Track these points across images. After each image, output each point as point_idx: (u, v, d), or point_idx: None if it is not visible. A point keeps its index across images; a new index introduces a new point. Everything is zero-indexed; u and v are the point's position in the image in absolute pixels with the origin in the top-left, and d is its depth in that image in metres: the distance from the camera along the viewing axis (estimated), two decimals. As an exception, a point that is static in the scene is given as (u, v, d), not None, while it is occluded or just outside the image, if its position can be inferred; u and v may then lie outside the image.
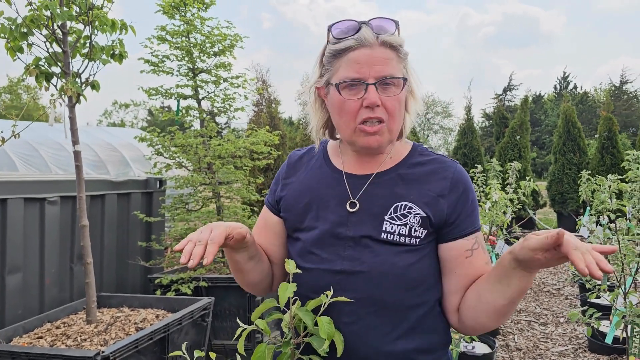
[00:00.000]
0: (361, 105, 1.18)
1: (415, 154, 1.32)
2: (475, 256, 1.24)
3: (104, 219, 4.28)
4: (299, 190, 1.34)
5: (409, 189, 1.25)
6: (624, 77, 41.77)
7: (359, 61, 1.18)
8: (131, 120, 51.55)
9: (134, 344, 2.77)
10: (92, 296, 3.17)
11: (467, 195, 1.26)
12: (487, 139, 30.96)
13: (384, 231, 1.21)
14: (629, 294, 2.95)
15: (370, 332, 1.19)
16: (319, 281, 1.22)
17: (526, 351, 4.35)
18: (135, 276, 4.59)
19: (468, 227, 1.25)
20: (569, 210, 10.88)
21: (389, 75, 1.18)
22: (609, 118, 10.77)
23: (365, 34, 1.19)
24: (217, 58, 4.54)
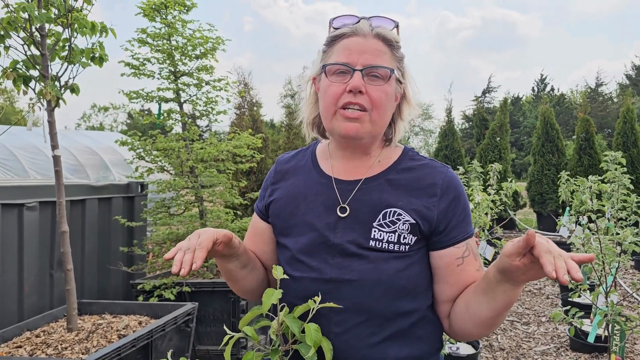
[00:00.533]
0: (344, 89, 1.17)
1: (406, 159, 1.30)
2: (467, 264, 1.22)
3: (85, 225, 4.21)
4: (287, 196, 1.32)
5: (398, 195, 1.23)
6: (599, 80, 42.58)
7: (350, 47, 1.19)
8: (110, 124, 50.92)
9: (116, 352, 2.72)
10: (73, 303, 3.11)
11: (458, 202, 1.24)
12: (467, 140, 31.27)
13: (372, 238, 1.19)
14: (610, 293, 3.00)
15: (361, 341, 1.18)
16: (308, 290, 1.20)
17: (509, 351, 4.39)
18: (117, 282, 4.52)
19: (459, 235, 1.23)
20: (548, 210, 11.03)
21: (377, 64, 1.18)
22: (586, 120, 10.95)
23: (362, 24, 1.21)
24: (199, 61, 4.51)
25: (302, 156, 1.40)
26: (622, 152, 7.81)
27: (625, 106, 10.73)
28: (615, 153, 3.98)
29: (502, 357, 4.26)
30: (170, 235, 4.26)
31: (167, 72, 4.45)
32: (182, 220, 4.38)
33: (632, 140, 10.22)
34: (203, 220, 4.35)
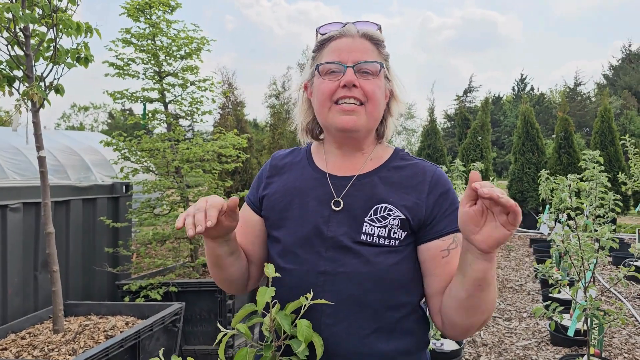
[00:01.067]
0: (338, 85, 1.23)
1: (397, 158, 1.35)
2: (452, 256, 1.24)
3: (69, 226, 4.18)
4: (282, 190, 1.35)
5: (389, 191, 1.27)
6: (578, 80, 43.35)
7: (340, 47, 1.26)
8: (91, 124, 50.28)
9: (104, 353, 2.72)
10: (59, 304, 3.10)
11: (445, 197, 1.27)
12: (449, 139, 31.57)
13: (363, 233, 1.23)
14: (589, 287, 3.08)
15: (351, 333, 1.20)
16: (301, 282, 1.23)
17: (492, 346, 4.48)
18: (102, 283, 4.50)
19: (445, 228, 1.25)
20: (529, 208, 11.22)
21: (367, 60, 1.25)
22: (565, 119, 11.16)
23: (348, 27, 1.28)
24: (183, 61, 4.50)
25: (297, 153, 1.44)
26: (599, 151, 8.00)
27: (602, 106, 10.96)
28: (594, 152, 4.09)
29: (485, 352, 4.34)
30: (156, 236, 4.25)
31: (151, 72, 4.44)
32: (167, 221, 4.38)
33: (610, 139, 10.45)
34: (189, 221, 4.35)
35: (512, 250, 9.21)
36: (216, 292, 3.95)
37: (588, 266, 3.26)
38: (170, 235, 4.28)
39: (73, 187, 4.28)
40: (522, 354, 4.28)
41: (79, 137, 15.96)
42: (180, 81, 4.49)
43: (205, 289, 3.96)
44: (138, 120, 4.42)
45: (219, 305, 3.95)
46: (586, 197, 4.12)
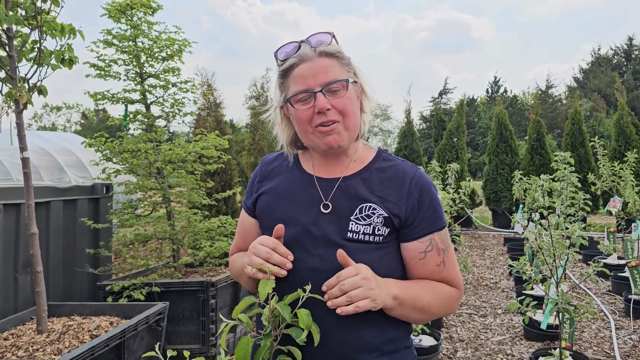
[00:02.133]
0: (313, 112, 1.30)
1: (379, 160, 1.43)
2: (428, 259, 1.34)
3: (50, 227, 4.17)
4: (273, 193, 1.44)
5: (372, 191, 1.35)
6: (549, 82, 44.40)
7: (303, 75, 1.31)
8: (63, 124, 49.33)
9: (90, 352, 2.75)
10: (43, 305, 3.10)
11: (424, 199, 1.35)
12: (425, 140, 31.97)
13: (350, 230, 1.31)
14: (560, 283, 3.22)
15: (339, 325, 1.27)
16: (293, 279, 1.30)
17: (468, 342, 4.61)
18: (83, 284, 4.49)
19: (423, 230, 1.34)
20: (502, 208, 11.47)
21: (332, 79, 1.30)
22: (538, 121, 11.45)
23: (304, 50, 1.32)
24: (165, 63, 4.52)
25: (285, 156, 1.51)
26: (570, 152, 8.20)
27: (573, 108, 11.29)
28: (565, 153, 4.24)
29: (462, 347, 4.47)
30: (139, 237, 4.27)
31: (133, 73, 4.45)
32: (150, 221, 4.40)
33: (580, 141, 10.77)
34: (171, 221, 4.38)
35: (486, 249, 9.42)
36: (199, 291, 3.99)
37: (560, 262, 3.40)
38: (153, 235, 4.30)
39: (53, 188, 4.27)
40: (497, 349, 4.42)
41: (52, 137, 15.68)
42: (162, 82, 4.51)
43: (188, 289, 4.00)
44: (119, 121, 4.42)
45: (202, 304, 3.99)
46: (558, 197, 4.28)
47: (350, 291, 1.18)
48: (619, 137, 10.61)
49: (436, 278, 1.36)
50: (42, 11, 2.94)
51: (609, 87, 39.41)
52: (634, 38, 43.53)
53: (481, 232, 11.59)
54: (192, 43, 4.64)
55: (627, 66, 43.43)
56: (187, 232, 4.39)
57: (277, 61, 1.38)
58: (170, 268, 4.38)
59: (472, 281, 6.92)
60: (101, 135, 4.23)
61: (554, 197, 4.34)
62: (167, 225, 4.35)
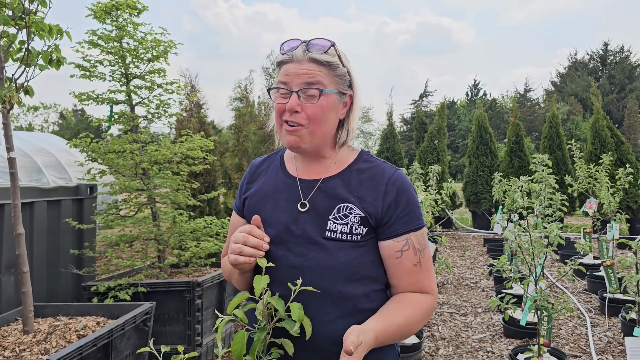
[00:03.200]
0: (285, 107, 1.38)
1: (360, 161, 1.49)
2: (405, 258, 1.39)
3: (34, 227, 4.15)
4: (258, 194, 1.51)
5: (351, 192, 1.41)
6: (528, 86, 45.13)
7: (288, 72, 1.39)
8: (41, 124, 48.51)
9: (78, 351, 2.76)
10: (30, 305, 3.10)
11: (400, 199, 1.40)
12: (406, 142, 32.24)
13: (328, 229, 1.37)
14: (539, 280, 3.33)
15: (319, 319, 1.32)
16: (275, 276, 1.35)
17: (450, 340, 4.71)
18: (67, 285, 4.47)
19: (399, 229, 1.38)
20: (482, 209, 11.66)
21: (308, 84, 1.36)
22: (517, 124, 11.67)
23: (298, 51, 1.39)
24: (150, 64, 4.54)
25: (272, 159, 1.60)
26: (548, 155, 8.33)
27: (551, 112, 11.53)
28: (543, 156, 4.38)
29: (444, 345, 4.57)
30: (124, 237, 4.27)
31: (118, 74, 4.45)
32: (135, 222, 4.40)
33: (557, 144, 11.01)
34: (157, 222, 4.39)
35: (467, 249, 9.58)
36: (185, 292, 4.01)
37: (538, 261, 3.51)
38: (138, 236, 4.31)
39: (37, 189, 4.25)
40: (478, 346, 4.53)
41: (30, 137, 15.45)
42: (148, 83, 4.52)
43: (174, 289, 4.02)
44: (103, 121, 4.42)
45: (188, 304, 4.01)
46: (536, 198, 4.41)
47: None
48: (595, 140, 10.87)
49: (413, 279, 1.41)
50: (30, 12, 2.95)
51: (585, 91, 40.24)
52: (609, 43, 44.54)
53: (461, 233, 11.76)
54: (177, 44, 4.66)
55: (603, 71, 44.42)
56: (173, 232, 4.41)
57: (280, 51, 1.46)
58: (156, 269, 4.39)
59: (452, 281, 7.04)
60: (86, 136, 4.23)
61: (532, 198, 4.47)
62: (153, 225, 4.36)
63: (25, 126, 47.50)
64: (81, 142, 4.20)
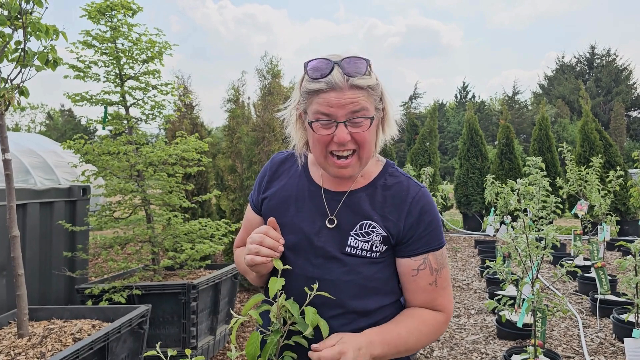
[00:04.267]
0: (331, 139, 1.30)
1: (385, 174, 1.46)
2: (420, 276, 1.39)
3: (26, 229, 4.10)
4: (280, 196, 1.48)
5: (374, 209, 1.40)
6: (516, 88, 45.58)
7: (330, 103, 1.27)
8: (27, 124, 47.98)
9: (74, 355, 2.73)
10: (24, 309, 3.06)
11: (422, 219, 1.38)
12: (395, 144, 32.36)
13: (348, 245, 1.37)
14: (535, 282, 3.36)
15: (335, 331, 1.32)
16: (292, 284, 1.35)
17: (444, 341, 4.73)
18: (60, 288, 4.43)
19: (418, 249, 1.38)
20: (473, 211, 11.74)
21: (357, 114, 1.29)
22: (507, 127, 11.77)
23: (336, 77, 1.27)
24: (145, 65, 4.51)
25: (294, 160, 1.54)
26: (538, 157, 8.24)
27: (540, 114, 11.64)
28: (536, 158, 4.42)
29: (438, 347, 4.59)
30: (118, 239, 4.24)
31: (113, 75, 4.42)
32: (128, 224, 4.37)
33: (547, 146, 11.12)
34: (151, 224, 4.36)
35: (458, 251, 9.63)
36: (180, 294, 3.99)
37: (533, 263, 3.54)
38: (132, 238, 4.28)
39: (30, 191, 4.20)
40: (472, 348, 4.55)
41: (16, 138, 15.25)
42: (142, 85, 4.49)
43: (168, 292, 3.99)
44: (99, 122, 4.38)
45: (183, 307, 3.99)
46: (530, 200, 4.44)
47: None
48: (584, 143, 10.99)
49: (427, 297, 1.41)
50: (26, 12, 2.92)
51: (572, 94, 40.68)
52: (595, 47, 45.09)
53: (452, 234, 11.82)
54: (172, 45, 4.64)
55: (590, 74, 44.92)
56: (167, 234, 4.38)
57: (305, 74, 1.33)
58: (150, 271, 4.37)
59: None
60: (80, 137, 4.19)
61: (526, 200, 4.51)
62: (147, 227, 4.33)
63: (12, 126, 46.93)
64: (75, 144, 4.16)
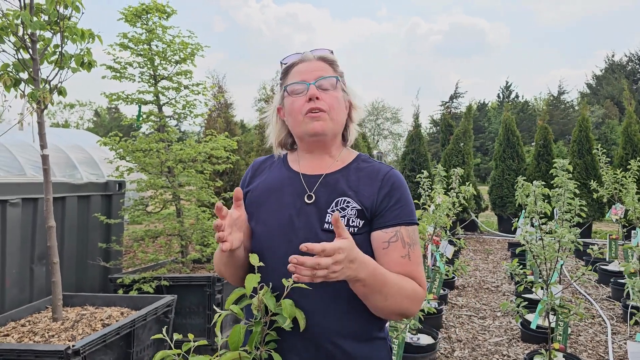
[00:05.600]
0: (305, 100, 1.48)
1: (359, 160, 1.60)
2: (391, 249, 1.42)
3: (64, 221, 4.36)
4: (262, 187, 1.59)
5: (349, 187, 1.50)
6: (562, 88, 44.18)
7: (301, 71, 1.53)
8: (76, 121, 49.92)
9: (102, 339, 2.92)
10: (59, 294, 3.28)
11: (393, 194, 1.47)
12: (434, 144, 32.00)
13: (326, 222, 1.45)
14: (551, 285, 3.34)
15: (322, 312, 1.40)
16: (278, 267, 1.41)
17: (466, 342, 4.73)
18: (95, 276, 4.67)
19: (389, 221, 1.44)
20: (508, 213, 11.54)
21: (325, 75, 1.51)
22: (545, 127, 11.51)
23: (306, 54, 1.57)
24: (178, 66, 4.70)
25: (274, 158, 1.69)
26: (577, 159, 8.13)
27: (581, 115, 11.33)
28: (563, 160, 4.36)
29: (460, 347, 4.60)
30: (149, 233, 4.44)
31: (147, 75, 4.63)
32: (160, 218, 4.57)
33: (587, 148, 10.82)
34: (180, 218, 4.55)
35: (490, 253, 9.51)
36: (205, 286, 4.15)
37: (551, 265, 3.52)
38: (162, 232, 4.48)
39: (69, 184, 4.46)
40: (494, 349, 4.54)
41: (65, 134, 15.94)
42: (175, 85, 4.69)
43: (195, 284, 4.16)
44: (133, 121, 4.61)
45: (208, 299, 4.16)
46: (556, 202, 4.40)
47: (317, 271, 1.22)
48: (627, 145, 10.65)
49: (401, 269, 1.43)
50: (64, 17, 3.12)
51: (622, 94, 39.16)
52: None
53: (486, 236, 11.67)
54: (204, 47, 4.82)
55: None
56: (196, 229, 4.56)
57: (282, 66, 1.59)
58: (179, 263, 4.56)
59: (473, 284, 7.03)
60: (115, 135, 4.41)
61: (552, 202, 4.46)
62: (177, 222, 4.52)
63: (62, 123, 48.92)
64: (110, 140, 4.39)
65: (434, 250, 4.85)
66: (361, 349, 1.44)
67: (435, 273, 4.91)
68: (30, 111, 2.89)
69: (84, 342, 2.76)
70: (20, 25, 3.03)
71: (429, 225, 4.54)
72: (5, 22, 2.97)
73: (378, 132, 43.71)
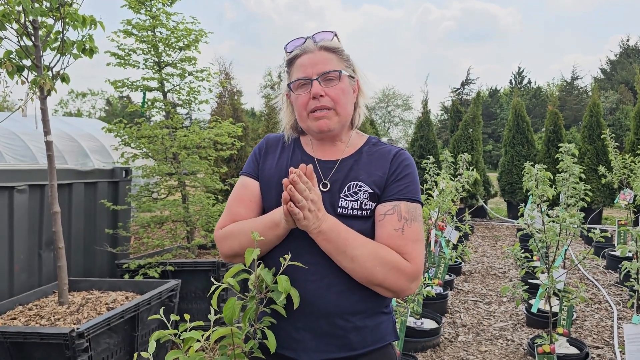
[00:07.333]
0: (309, 97, 1.47)
1: (369, 144, 1.61)
2: (386, 221, 1.44)
3: (72, 207, 4.41)
4: (275, 167, 1.59)
5: (361, 171, 1.52)
6: (575, 74, 43.50)
7: (304, 64, 1.51)
8: (88, 110, 50.26)
9: (106, 322, 2.97)
10: (64, 279, 3.33)
11: (400, 172, 1.50)
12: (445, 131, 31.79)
13: (339, 206, 1.47)
14: (552, 269, 3.33)
15: (329, 289, 1.43)
16: (291, 244, 1.45)
17: (470, 327, 4.74)
18: (102, 262, 4.74)
19: (390, 195, 1.47)
20: (517, 199, 11.47)
21: (328, 70, 1.49)
22: (555, 113, 11.38)
23: (308, 44, 1.53)
24: (182, 52, 4.71)
25: (287, 138, 1.67)
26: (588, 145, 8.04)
27: (592, 101, 11.18)
28: (569, 145, 4.32)
29: (464, 332, 4.61)
30: (155, 219, 4.49)
31: (151, 62, 4.65)
32: (165, 204, 4.61)
33: (597, 133, 10.68)
34: (185, 204, 4.58)
35: (499, 239, 9.48)
36: (210, 271, 4.19)
37: (557, 251, 3.51)
38: (168, 218, 4.52)
39: (76, 171, 4.51)
40: (498, 334, 4.55)
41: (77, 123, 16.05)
42: (179, 71, 4.70)
43: (200, 269, 4.20)
44: (137, 108, 4.63)
45: (213, 284, 4.19)
46: (561, 187, 4.37)
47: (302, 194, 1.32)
48: (638, 130, 10.50)
49: (392, 243, 1.43)
50: (65, 3, 3.14)
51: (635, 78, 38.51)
52: (664, 29, 42.38)
53: (495, 223, 11.62)
54: (209, 33, 4.82)
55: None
56: (201, 214, 4.60)
57: (286, 53, 1.57)
58: (184, 249, 4.60)
59: (481, 270, 7.03)
60: (120, 121, 4.44)
61: (557, 187, 4.43)
62: (182, 208, 4.56)
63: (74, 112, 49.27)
64: (116, 127, 4.42)
65: (439, 235, 4.84)
66: (365, 323, 1.47)
67: (440, 258, 4.91)
68: (32, 97, 2.92)
69: (88, 325, 2.80)
70: (22, 12, 3.05)
71: (432, 210, 4.53)
72: (7, 9, 2.99)
73: (389, 119, 43.49)
